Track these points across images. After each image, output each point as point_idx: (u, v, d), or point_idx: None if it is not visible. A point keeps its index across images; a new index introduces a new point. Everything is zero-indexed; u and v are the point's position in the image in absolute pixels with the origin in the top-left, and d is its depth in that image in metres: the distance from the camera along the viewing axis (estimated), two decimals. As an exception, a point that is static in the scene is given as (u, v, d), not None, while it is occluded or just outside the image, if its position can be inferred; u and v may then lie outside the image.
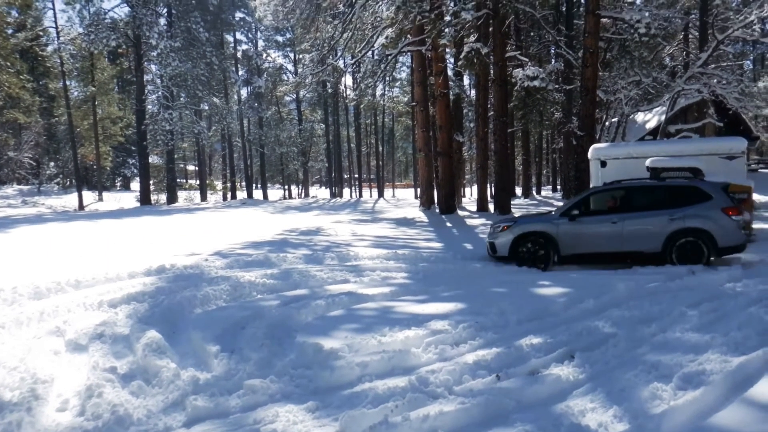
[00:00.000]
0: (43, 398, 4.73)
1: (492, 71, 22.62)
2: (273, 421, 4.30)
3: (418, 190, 36.08)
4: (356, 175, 64.31)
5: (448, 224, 20.37)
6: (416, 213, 25.71)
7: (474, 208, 26.89)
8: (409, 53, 27.71)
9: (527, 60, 27.03)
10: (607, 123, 29.52)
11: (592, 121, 20.05)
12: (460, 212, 24.62)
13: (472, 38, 24.09)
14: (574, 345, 5.86)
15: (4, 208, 39.24)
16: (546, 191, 49.72)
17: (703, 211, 10.83)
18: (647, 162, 14.70)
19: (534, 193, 43.72)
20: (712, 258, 10.79)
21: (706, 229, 10.73)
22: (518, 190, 41.59)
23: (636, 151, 16.11)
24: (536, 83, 23.98)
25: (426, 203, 27.32)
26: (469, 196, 46.71)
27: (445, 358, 5.68)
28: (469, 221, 21.11)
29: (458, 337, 6.22)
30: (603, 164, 16.16)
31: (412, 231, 18.73)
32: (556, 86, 26.80)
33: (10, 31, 48.42)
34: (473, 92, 33.35)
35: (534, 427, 4.08)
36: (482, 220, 21.17)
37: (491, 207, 24.45)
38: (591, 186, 16.43)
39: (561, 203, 28.04)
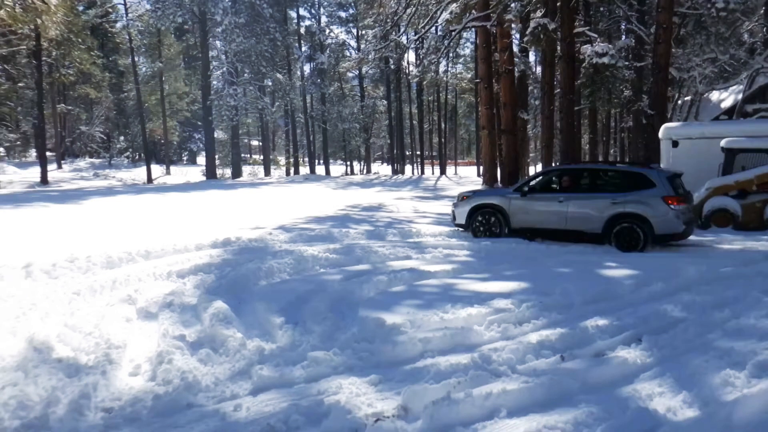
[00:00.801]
0: (117, 363, 4.90)
1: (559, 47, 22.07)
2: (336, 392, 4.33)
3: (481, 168, 35.70)
4: (418, 152, 64.07)
5: (511, 203, 20.11)
6: (478, 191, 25.49)
7: (538, 186, 26.45)
8: (473, 29, 27.33)
9: (596, 36, 26.24)
10: (679, 102, 28.54)
11: (664, 100, 19.40)
12: (523, 191, 24.27)
13: (538, 13, 23.54)
14: (641, 328, 5.72)
15: (77, 180, 40.68)
16: (612, 171, 48.57)
17: (644, 197, 11.08)
18: (722, 142, 14.19)
19: (600, 172, 42.68)
20: (648, 244, 11.00)
21: (644, 215, 10.99)
22: (583, 170, 40.67)
23: (710, 131, 15.56)
24: (605, 60, 23.26)
25: (489, 181, 26.99)
26: (533, 175, 46.01)
27: (507, 336, 5.62)
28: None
29: (521, 316, 6.15)
30: (675, 144, 15.68)
31: (474, 209, 18.54)
32: (626, 63, 25.99)
33: (81, 8, 49.69)
34: (539, 69, 32.68)
35: (599, 409, 4.00)
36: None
37: (556, 186, 24.00)
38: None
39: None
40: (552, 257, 10.04)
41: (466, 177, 48.22)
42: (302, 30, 56.47)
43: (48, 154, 41.34)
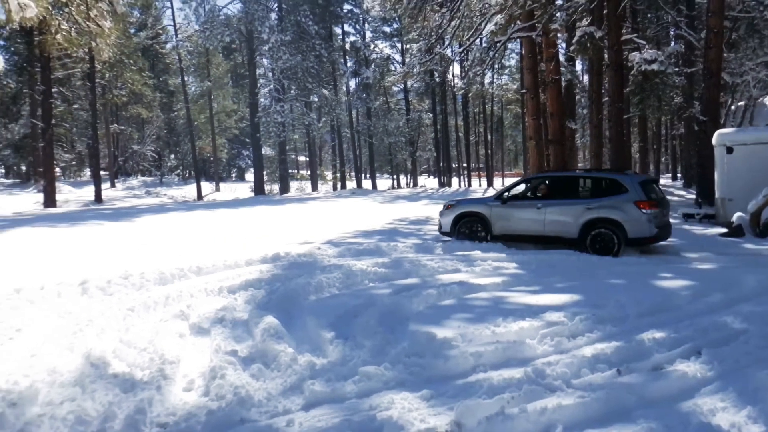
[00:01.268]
0: (171, 378, 4.96)
1: (606, 56, 21.79)
2: (388, 407, 4.30)
3: (528, 179, 35.33)
4: (465, 165, 63.75)
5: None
6: (526, 202, 25.23)
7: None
8: (518, 40, 27.11)
9: (644, 43, 25.85)
10: (732, 107, 27.89)
11: (717, 106, 18.96)
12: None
13: (585, 22, 23.29)
14: (700, 341, 5.56)
15: (129, 198, 41.68)
16: (665, 179, 47.57)
17: (616, 203, 11.61)
18: None
19: (651, 181, 41.75)
20: (622, 248, 11.45)
21: (617, 219, 11.48)
22: (634, 179, 39.93)
23: (766, 136, 15.11)
24: (654, 67, 22.87)
25: (536, 192, 26.75)
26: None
27: (561, 350, 5.52)
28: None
29: (575, 329, 6.04)
30: (729, 150, 15.26)
31: (523, 221, 18.37)
32: (677, 69, 25.51)
33: (132, 31, 51.14)
34: (586, 78, 32.34)
35: (659, 425, 3.89)
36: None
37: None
38: (716, 174, 15.62)
39: (681, 192, 26.81)
40: (604, 268, 9.84)
41: (514, 188, 47.68)
42: (347, 46, 56.92)
43: (102, 173, 42.52)
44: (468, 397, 4.40)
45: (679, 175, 45.04)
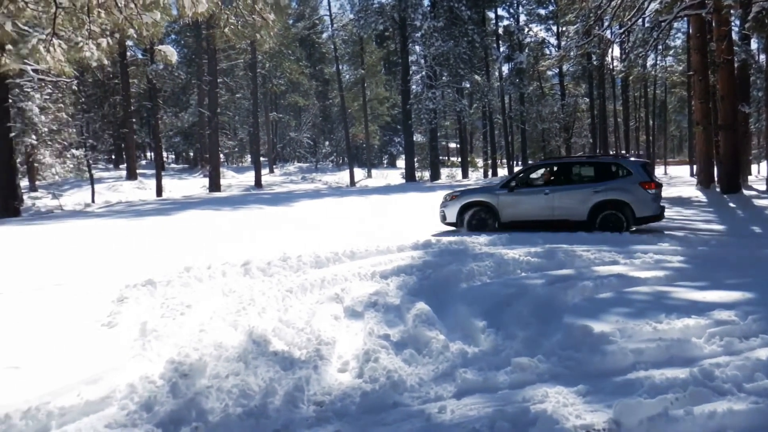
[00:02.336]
0: (327, 359, 5.14)
1: (787, 33, 20.01)
2: (542, 401, 4.19)
3: (695, 167, 33.32)
4: (623, 151, 61.03)
5: (731, 205, 18.52)
6: (692, 192, 23.73)
7: (763, 187, 24.12)
8: (685, 18, 25.49)
9: (833, 17, 23.43)
10: None
11: None
12: (746, 192, 22.17)
13: (762, -4, 21.46)
14: None
15: (287, 183, 43.64)
16: None
17: (623, 185, 12.48)
18: None
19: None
20: (630, 227, 12.38)
21: (625, 200, 12.37)
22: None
23: None
24: (844, 43, 20.69)
25: (704, 181, 25.03)
26: (756, 174, 42.18)
27: (731, 351, 5.11)
28: (757, 202, 18.95)
29: (747, 329, 5.56)
30: None
31: (688, 211, 17.36)
32: None
33: (290, 22, 53.24)
34: (763, 57, 29.85)
35: None
36: (774, 201, 18.90)
37: (783, 186, 21.69)
38: None
39: None
40: (781, 264, 9.04)
41: (678, 177, 44.87)
42: (500, 30, 56.01)
43: (261, 159, 44.75)
44: (627, 396, 4.19)
45: None
